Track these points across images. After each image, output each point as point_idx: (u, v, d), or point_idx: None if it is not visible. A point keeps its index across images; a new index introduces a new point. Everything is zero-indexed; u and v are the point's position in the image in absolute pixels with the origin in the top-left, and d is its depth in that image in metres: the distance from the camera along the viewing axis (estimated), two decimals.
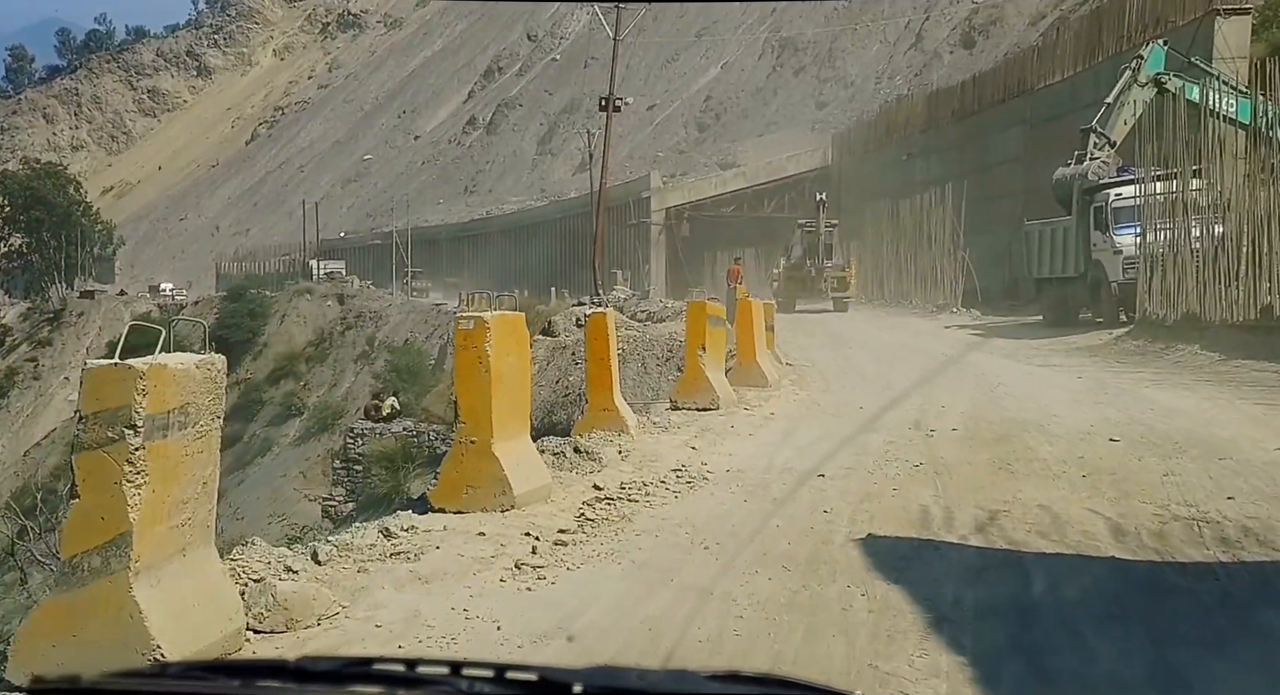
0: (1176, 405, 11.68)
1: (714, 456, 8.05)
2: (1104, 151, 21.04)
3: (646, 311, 34.54)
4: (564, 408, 21.85)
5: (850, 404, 12.30)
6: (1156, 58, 21.29)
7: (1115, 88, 21.58)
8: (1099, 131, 21.05)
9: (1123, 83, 21.39)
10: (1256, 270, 15.71)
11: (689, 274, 54.67)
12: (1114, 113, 21.20)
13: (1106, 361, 17.38)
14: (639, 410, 13.39)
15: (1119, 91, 21.34)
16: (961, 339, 22.87)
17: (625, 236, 60.54)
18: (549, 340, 24.36)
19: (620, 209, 60.22)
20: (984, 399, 12.85)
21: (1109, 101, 21.45)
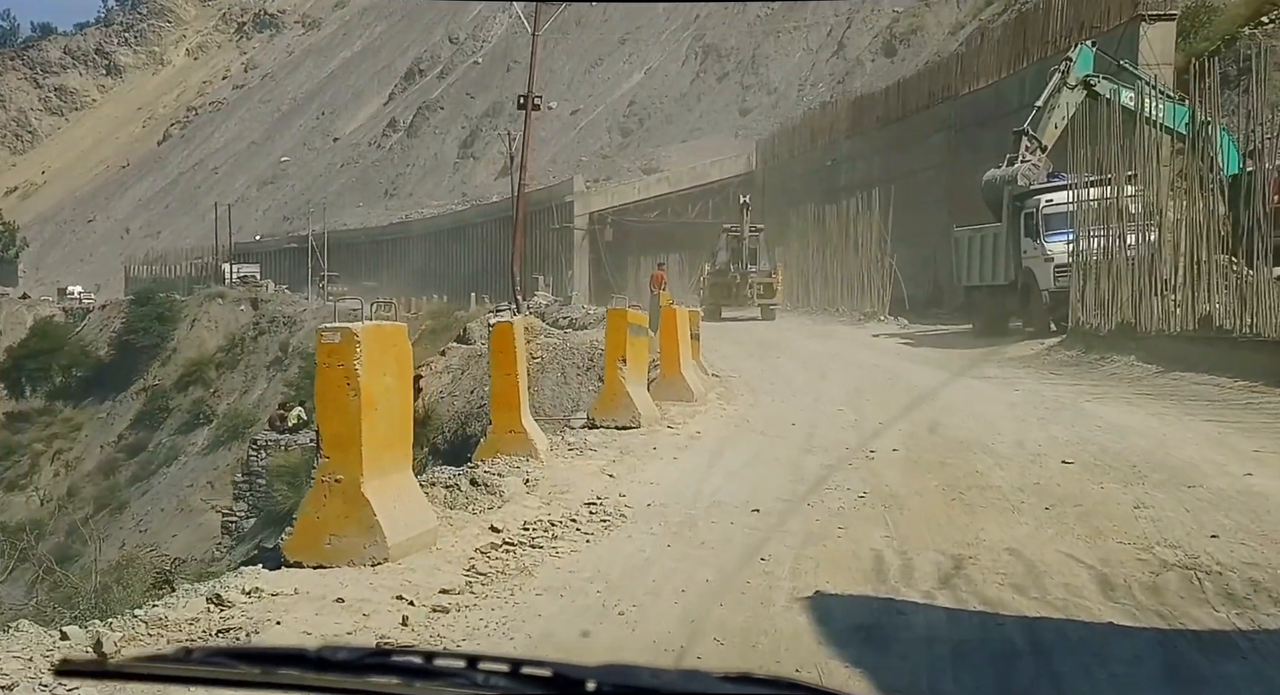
0: (1124, 422, 11.01)
1: (634, 485, 7.12)
2: (1035, 155, 20.56)
3: (568, 318, 33.54)
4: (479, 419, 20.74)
5: (781, 420, 11.45)
6: (1085, 59, 20.87)
7: (1045, 91, 21.12)
8: (1030, 134, 20.57)
9: (1052, 85, 20.94)
10: (1194, 279, 15.20)
11: (613, 279, 53.86)
12: (1044, 116, 20.74)
13: (1041, 372, 16.80)
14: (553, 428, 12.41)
15: (1048, 94, 20.88)
16: (891, 348, 22.23)
17: (548, 241, 59.56)
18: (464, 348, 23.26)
19: (543, 213, 59.23)
20: (921, 415, 12.09)
21: (1039, 105, 20.99)
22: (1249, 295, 14.00)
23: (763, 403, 13.34)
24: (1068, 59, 21.10)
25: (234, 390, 58.08)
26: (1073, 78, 20.57)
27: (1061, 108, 20.54)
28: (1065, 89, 20.57)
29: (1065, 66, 20.88)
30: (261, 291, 70.70)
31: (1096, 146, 18.04)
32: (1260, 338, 13.66)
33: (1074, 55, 20.98)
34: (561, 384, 20.52)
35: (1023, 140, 20.65)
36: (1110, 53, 21.97)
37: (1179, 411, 11.72)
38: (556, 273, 56.42)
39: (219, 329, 65.87)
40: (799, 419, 11.57)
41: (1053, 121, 20.59)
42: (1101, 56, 21.34)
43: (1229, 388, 13.26)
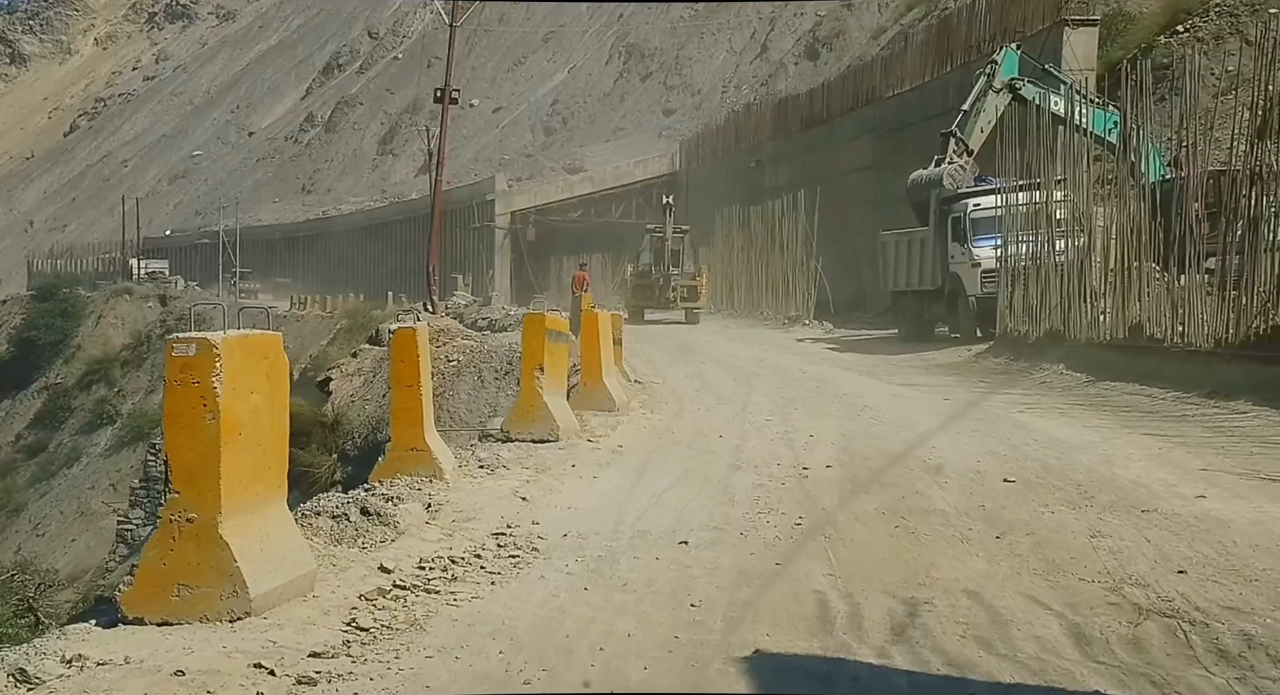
0: (1061, 435, 10.60)
1: (549, 511, 6.43)
2: (962, 157, 20.27)
3: (488, 319, 32.65)
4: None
5: (708, 431, 10.85)
6: (1010, 63, 20.65)
7: (971, 94, 20.86)
8: (958, 136, 20.27)
9: (978, 89, 20.69)
10: (1124, 287, 14.94)
11: (535, 280, 53.07)
12: (970, 119, 20.47)
13: (970, 380, 16.44)
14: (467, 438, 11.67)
15: (974, 98, 20.62)
16: (817, 353, 21.80)
17: (469, 240, 58.60)
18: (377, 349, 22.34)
19: (464, 212, 58.29)
20: (853, 426, 11.58)
21: (965, 108, 20.71)
22: (1180, 304, 13.73)
23: (688, 412, 12.74)
24: (993, 62, 20.87)
25: (139, 389, 56.17)
26: (998, 81, 20.33)
27: (987, 111, 20.29)
28: (991, 92, 20.33)
29: (990, 70, 20.65)
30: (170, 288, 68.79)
31: (1025, 150, 17.77)
32: (1192, 348, 13.38)
33: (999, 58, 20.76)
34: (478, 388, 19.76)
35: (950, 142, 20.36)
36: (1034, 57, 21.80)
37: (1115, 424, 11.35)
38: (477, 272, 55.51)
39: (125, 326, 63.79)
40: (726, 430, 10.98)
41: (978, 125, 20.35)
42: (1026, 60, 21.15)
43: (1161, 399, 12.96)
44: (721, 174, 45.20)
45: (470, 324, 31.11)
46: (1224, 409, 11.74)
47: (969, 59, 29.44)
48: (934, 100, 30.24)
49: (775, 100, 47.23)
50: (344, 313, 48.35)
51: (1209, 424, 11.04)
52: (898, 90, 33.85)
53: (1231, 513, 6.70)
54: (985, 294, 19.59)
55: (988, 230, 19.38)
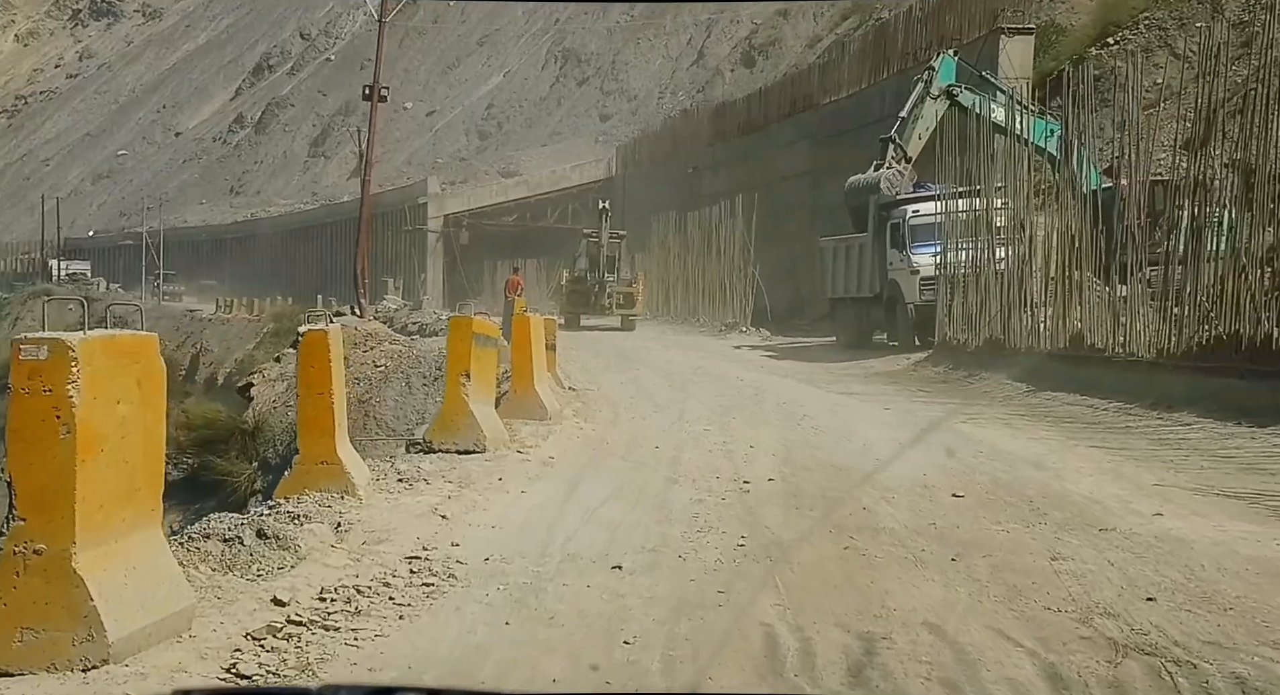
0: (1006, 447, 10.28)
1: (470, 531, 5.90)
2: (901, 163, 20.05)
3: (418, 323, 31.87)
4: None
5: (644, 441, 10.38)
6: (948, 69, 20.50)
7: (909, 100, 20.67)
8: (897, 142, 20.05)
9: (916, 95, 20.51)
10: (1065, 296, 14.74)
11: (468, 284, 52.30)
12: (908, 126, 20.27)
13: (909, 390, 16.16)
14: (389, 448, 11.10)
15: (912, 104, 20.43)
16: (755, 361, 21.45)
17: (401, 243, 57.70)
18: None
19: (396, 215, 57.42)
20: (794, 436, 11.19)
21: (903, 115, 20.51)
22: (1121, 314, 13.55)
23: (623, 420, 12.25)
24: (930, 68, 20.71)
25: None
26: (936, 88, 20.17)
27: (926, 118, 20.11)
28: (929, 99, 20.15)
29: (928, 76, 20.48)
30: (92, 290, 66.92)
31: (964, 157, 17.57)
32: (1134, 358, 13.19)
33: (936, 65, 20.59)
34: (406, 394, 19.10)
35: (889, 148, 20.13)
36: (971, 64, 21.69)
37: (1061, 436, 11.08)
38: (409, 276, 54.65)
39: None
40: (663, 440, 10.52)
41: (916, 132, 20.15)
42: (964, 67, 21.01)
43: (1104, 409, 12.74)
44: (658, 180, 44.87)
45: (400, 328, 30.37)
46: (1168, 420, 11.54)
47: (905, 66, 29.38)
48: (871, 107, 30.14)
49: (712, 106, 47.01)
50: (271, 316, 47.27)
51: (1154, 436, 10.80)
52: (834, 97, 33.75)
53: (1192, 532, 6.37)
54: (924, 302, 19.38)
55: (927, 237, 19.16)
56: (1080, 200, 15.18)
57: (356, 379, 19.99)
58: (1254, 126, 11.63)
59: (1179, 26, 26.67)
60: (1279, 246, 10.95)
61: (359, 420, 19.01)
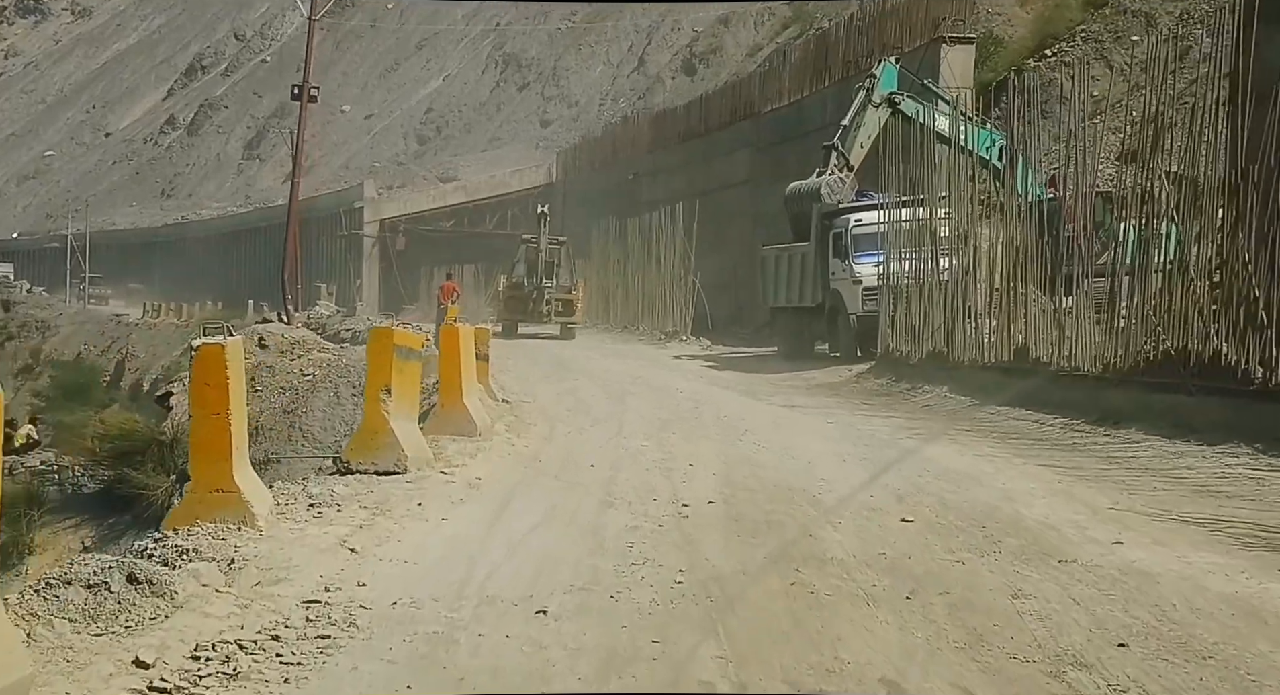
0: (953, 465, 9.93)
1: (381, 566, 5.37)
2: (843, 170, 19.76)
3: (351, 330, 31.07)
4: None
5: (579, 459, 9.89)
6: (889, 77, 20.27)
7: (851, 108, 20.40)
8: (840, 150, 19.76)
9: (857, 103, 20.25)
10: (1010, 308, 14.49)
11: (404, 290, 51.48)
12: (850, 134, 19.99)
13: (851, 402, 15.84)
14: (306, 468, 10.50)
15: (854, 112, 20.16)
16: (695, 371, 21.05)
17: (337, 248, 56.71)
18: None
19: (332, 219, 56.51)
20: (735, 452, 10.76)
21: (845, 123, 20.23)
22: (1065, 327, 13.31)
23: (558, 435, 11.76)
24: (871, 76, 20.47)
25: None
26: (877, 96, 19.93)
27: (868, 126, 19.85)
28: (870, 107, 19.90)
29: (870, 84, 20.24)
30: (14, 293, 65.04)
31: (908, 165, 17.31)
32: (1079, 372, 12.95)
33: (878, 72, 20.35)
34: (334, 405, 18.46)
35: (832, 155, 19.83)
36: (913, 72, 21.49)
37: (1008, 453, 10.76)
38: (345, 282, 53.71)
39: None
40: (599, 457, 10.04)
41: (858, 140, 19.88)
42: (905, 74, 20.80)
43: (1049, 425, 12.48)
44: (599, 186, 44.47)
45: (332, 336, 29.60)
46: (1115, 437, 11.29)
47: (847, 75, 29.23)
48: (812, 115, 29.96)
49: (653, 113, 46.70)
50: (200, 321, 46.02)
51: (1103, 454, 10.53)
52: (775, 105, 33.54)
53: (1156, 564, 6.01)
54: (866, 312, 19.10)
55: (869, 247, 18.89)
56: (1023, 211, 14.95)
57: (282, 388, 19.30)
58: (1191, 139, 11.48)
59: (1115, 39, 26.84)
60: (1228, 260, 10.73)
61: (284, 432, 18.34)
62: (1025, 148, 16.05)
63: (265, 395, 18.78)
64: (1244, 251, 10.51)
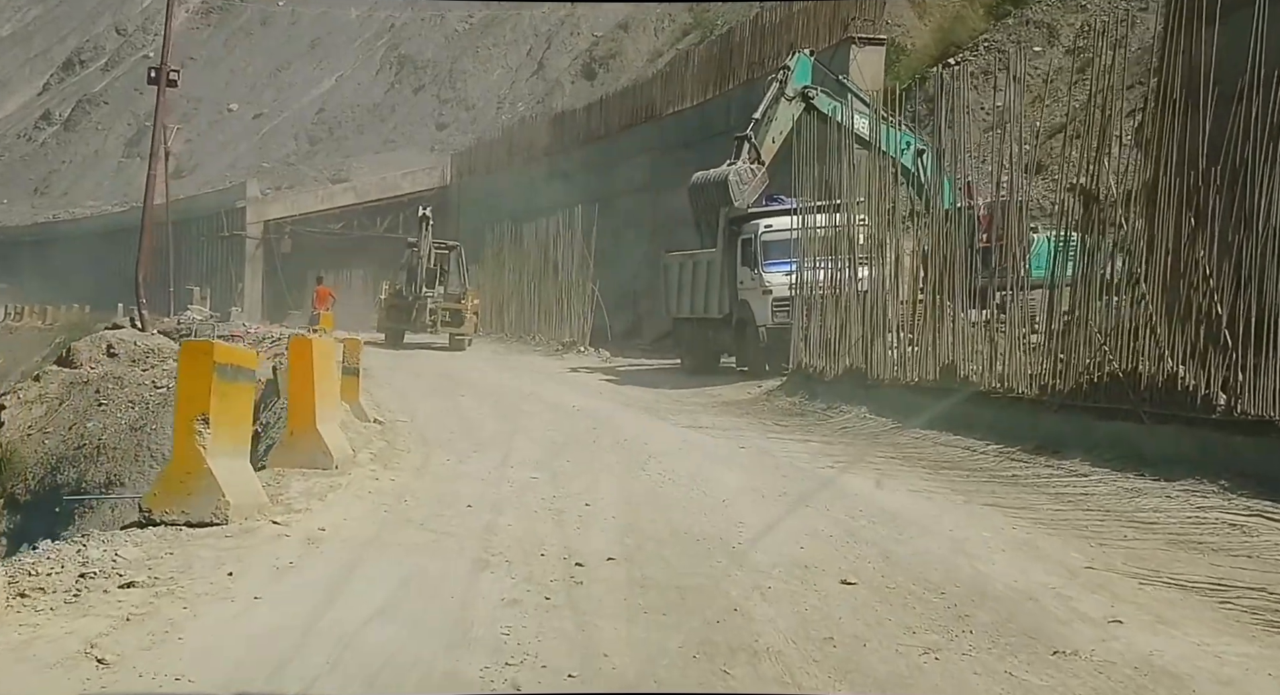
0: (888, 504, 8.65)
1: (140, 684, 3.78)
2: (755, 163, 18.43)
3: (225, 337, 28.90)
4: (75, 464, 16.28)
5: (455, 497, 8.35)
6: (804, 69, 19.11)
7: (763, 101, 19.16)
8: (752, 141, 18.44)
9: (770, 95, 19.03)
10: (936, 323, 13.32)
11: (289, 294, 49.07)
12: (762, 127, 18.72)
13: (763, 423, 14.54)
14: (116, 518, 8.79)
15: (766, 105, 18.93)
16: (594, 385, 19.57)
17: (218, 251, 54.02)
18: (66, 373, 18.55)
19: (213, 220, 53.78)
20: (638, 486, 9.33)
21: (757, 116, 18.96)
22: (1000, 344, 12.17)
23: (435, 465, 10.18)
24: (785, 68, 19.27)
25: None
26: (790, 88, 18.75)
27: (780, 120, 18.64)
28: (783, 100, 18.70)
29: (783, 76, 19.05)
30: None
31: (823, 167, 16.11)
32: (1014, 394, 11.81)
33: (791, 64, 19.17)
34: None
35: (744, 147, 18.48)
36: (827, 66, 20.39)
37: (945, 487, 9.53)
38: (226, 285, 51.08)
39: None
40: (480, 495, 8.52)
41: (770, 134, 18.62)
42: (820, 68, 19.67)
43: (982, 453, 11.32)
44: (495, 189, 42.79)
45: None
46: (1058, 469, 10.14)
47: (751, 77, 28.16)
48: (716, 118, 28.83)
49: (551, 115, 45.21)
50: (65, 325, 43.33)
51: (1051, 490, 9.34)
52: (678, 107, 32.33)
53: (1177, 658, 4.73)
54: (777, 324, 17.86)
55: (781, 254, 17.66)
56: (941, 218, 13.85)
57: (131, 402, 17.32)
58: (1090, 151, 10.59)
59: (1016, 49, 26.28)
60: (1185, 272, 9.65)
61: (130, 452, 16.40)
62: (942, 153, 15.06)
63: (111, 409, 16.80)
64: (1204, 263, 9.44)
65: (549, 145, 40.50)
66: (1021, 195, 12.74)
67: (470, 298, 27.22)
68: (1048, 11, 26.52)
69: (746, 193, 18.14)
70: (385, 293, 27.71)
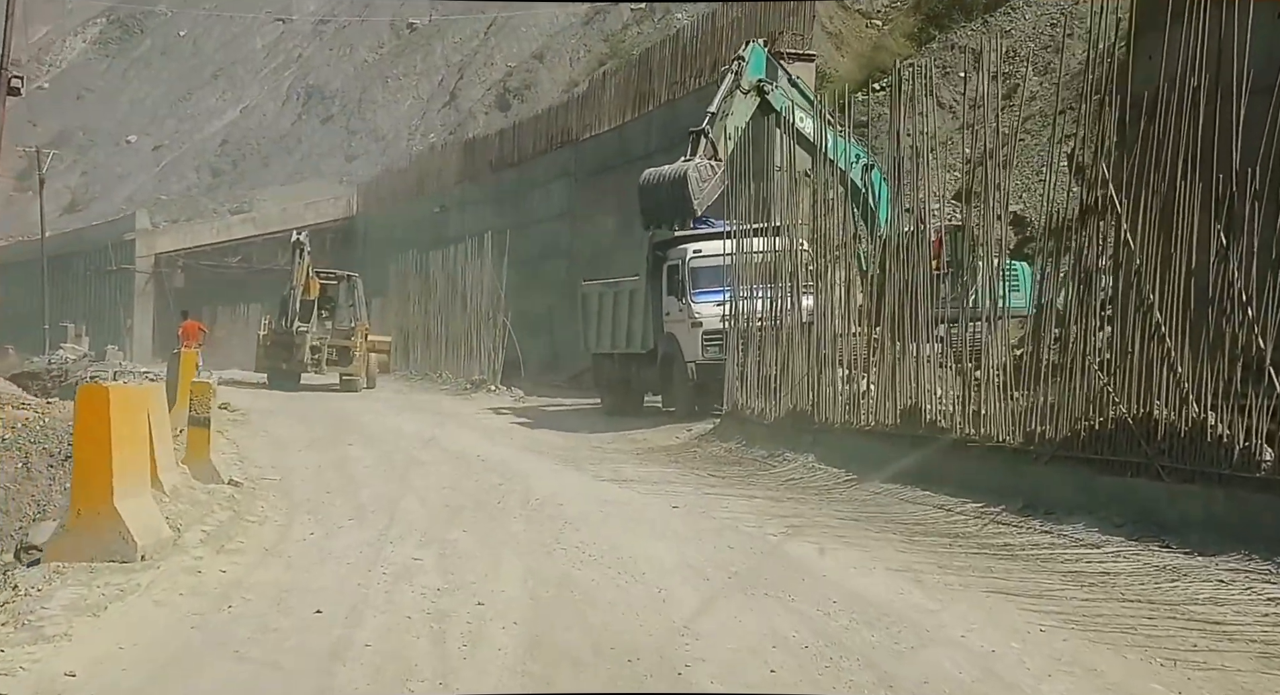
0: (869, 591, 6.78)
1: None
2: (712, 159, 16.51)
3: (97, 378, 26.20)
4: None
5: (304, 597, 6.26)
6: (758, 60, 17.44)
7: (718, 94, 17.35)
8: (709, 135, 16.53)
9: (725, 87, 17.26)
10: (898, 360, 11.54)
11: None
12: (718, 122, 16.86)
13: (698, 473, 12.60)
14: None
15: (722, 97, 17.12)
16: (504, 429, 17.47)
17: (106, 286, 50.93)
18: None
19: (100, 254, 50.70)
20: (551, 569, 7.31)
21: (712, 110, 17.09)
22: (981, 384, 10.40)
23: (291, 543, 8.06)
24: (740, 58, 17.54)
25: None
26: (746, 81, 17.03)
27: (736, 114, 16.88)
28: (739, 93, 16.97)
29: (738, 67, 17.34)
30: None
31: (762, 184, 14.34)
32: (995, 442, 10.04)
33: (746, 55, 17.45)
34: (23, 478, 14.09)
35: (701, 141, 16.53)
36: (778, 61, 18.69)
37: (931, 564, 7.66)
38: (115, 322, 48.01)
39: None
40: (338, 591, 6.46)
41: (726, 129, 16.75)
42: (772, 64, 17.97)
43: (960, 512, 9.52)
44: (403, 220, 40.63)
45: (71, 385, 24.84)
46: (1059, 535, 8.36)
47: (673, 97, 26.50)
48: (636, 141, 27.13)
49: (463, 141, 43.19)
50: None
51: (1061, 566, 7.54)
52: (595, 131, 30.52)
53: None
54: (707, 360, 15.96)
55: (711, 282, 15.82)
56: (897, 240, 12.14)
57: None
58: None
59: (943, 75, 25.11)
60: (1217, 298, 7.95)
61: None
62: (885, 171, 13.45)
63: None
64: (1239, 285, 7.75)
65: (460, 173, 38.49)
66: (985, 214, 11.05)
67: (361, 334, 24.74)
68: (973, 37, 25.49)
69: (706, 191, 16.08)
70: (265, 328, 25.09)
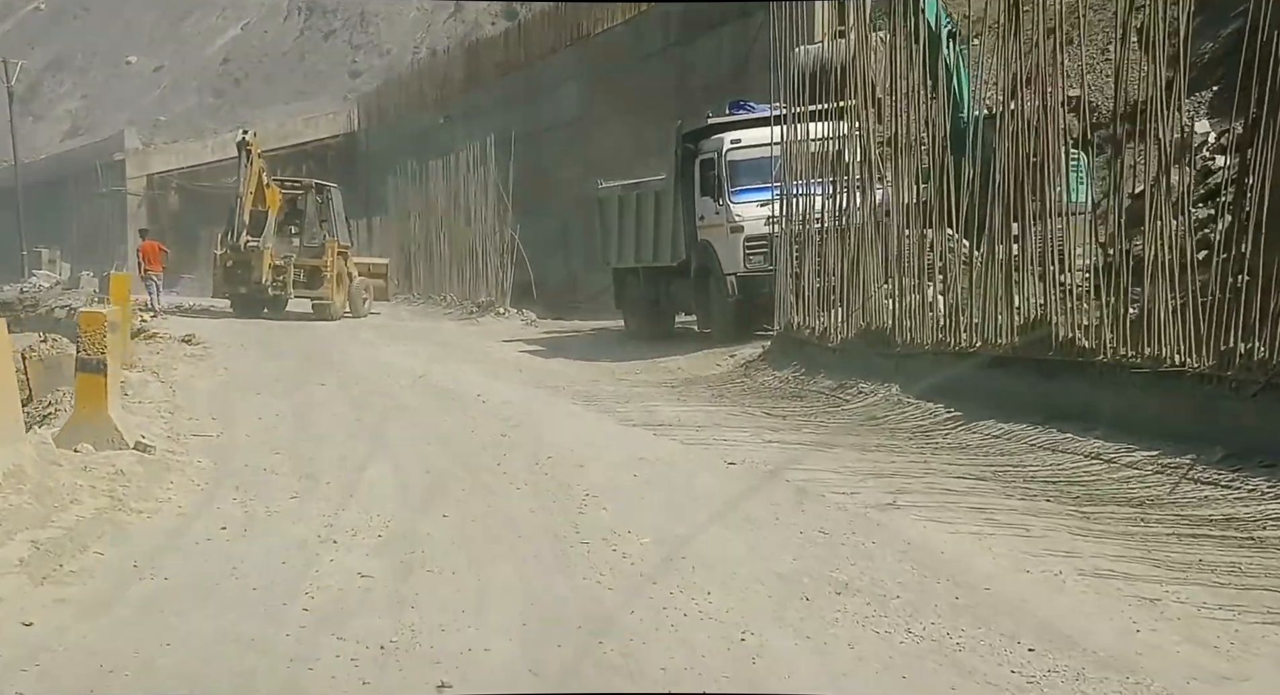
0: (1076, 629, 4.21)
1: None
2: None
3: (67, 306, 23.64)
4: None
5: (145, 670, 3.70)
6: None
7: None
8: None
9: None
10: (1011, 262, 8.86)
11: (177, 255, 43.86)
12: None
13: (750, 412, 10.05)
14: None
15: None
16: (511, 361, 14.89)
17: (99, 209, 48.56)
18: None
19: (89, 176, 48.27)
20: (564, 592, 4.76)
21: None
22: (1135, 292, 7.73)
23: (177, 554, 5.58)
24: None
25: None
26: None
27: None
28: None
29: None
30: None
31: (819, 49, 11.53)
32: (1163, 365, 7.41)
33: None
34: None
35: None
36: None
37: (1143, 558, 5.12)
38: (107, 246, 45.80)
39: None
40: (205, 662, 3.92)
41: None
42: None
43: (1126, 464, 7.02)
44: (406, 133, 37.90)
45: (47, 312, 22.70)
46: None
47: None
48: (651, 36, 24.34)
49: (466, 44, 40.23)
50: None
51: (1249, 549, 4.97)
52: (607, 25, 27.58)
53: None
54: (750, 271, 13.31)
55: (754, 177, 13.11)
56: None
57: None
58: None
59: None
60: None
61: None
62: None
63: None
64: None
65: (465, 81, 35.66)
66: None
67: (332, 251, 21.56)
68: None
69: None
70: (221, 247, 21.70)
